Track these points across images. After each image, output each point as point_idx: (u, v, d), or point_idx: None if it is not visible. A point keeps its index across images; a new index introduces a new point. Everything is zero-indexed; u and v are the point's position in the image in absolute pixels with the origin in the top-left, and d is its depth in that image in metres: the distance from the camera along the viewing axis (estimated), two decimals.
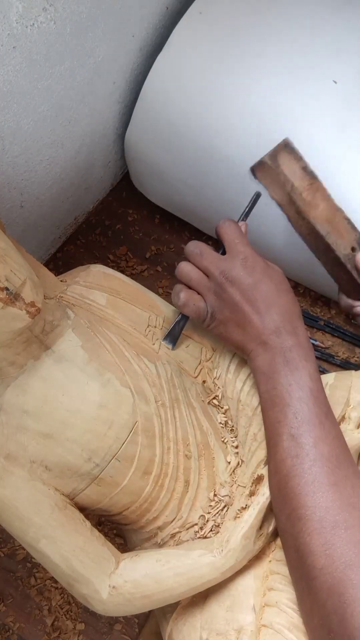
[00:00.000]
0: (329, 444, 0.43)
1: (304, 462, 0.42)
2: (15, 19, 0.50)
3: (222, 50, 0.66)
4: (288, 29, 0.65)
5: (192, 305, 0.50)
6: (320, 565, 0.38)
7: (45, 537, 0.43)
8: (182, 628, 0.46)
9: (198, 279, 0.50)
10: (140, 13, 0.68)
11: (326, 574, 0.38)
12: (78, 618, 0.68)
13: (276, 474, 0.44)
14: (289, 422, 0.44)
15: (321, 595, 0.38)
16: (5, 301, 0.38)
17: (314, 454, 0.42)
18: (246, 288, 0.48)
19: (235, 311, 0.48)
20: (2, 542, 0.72)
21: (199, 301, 0.50)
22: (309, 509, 0.40)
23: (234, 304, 0.48)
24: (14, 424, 0.43)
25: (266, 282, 0.48)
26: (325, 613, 0.37)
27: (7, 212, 0.66)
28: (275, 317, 0.47)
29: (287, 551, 0.43)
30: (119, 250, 0.86)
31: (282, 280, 0.49)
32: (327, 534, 0.39)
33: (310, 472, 0.42)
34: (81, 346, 0.46)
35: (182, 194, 0.76)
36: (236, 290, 0.48)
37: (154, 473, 0.47)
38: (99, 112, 0.71)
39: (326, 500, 0.40)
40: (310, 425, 0.43)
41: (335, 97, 0.63)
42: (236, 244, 0.49)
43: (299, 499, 0.41)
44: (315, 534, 0.39)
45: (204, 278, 0.50)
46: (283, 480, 0.43)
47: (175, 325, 0.53)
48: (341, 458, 0.43)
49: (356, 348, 0.79)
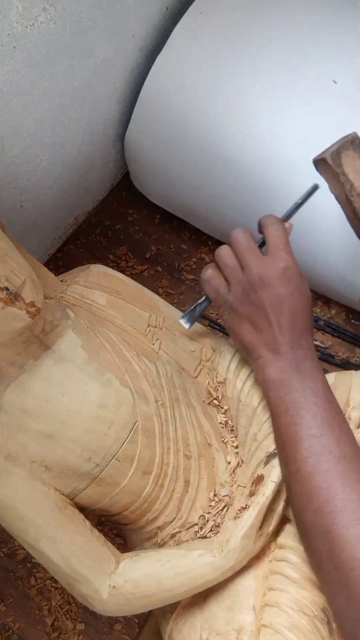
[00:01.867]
0: (349, 444, 0.44)
1: (329, 460, 0.42)
2: (15, 19, 0.50)
3: (222, 50, 0.66)
4: (288, 29, 0.65)
5: (214, 286, 0.51)
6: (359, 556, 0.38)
7: (45, 537, 0.43)
8: (182, 628, 0.46)
9: (232, 268, 0.50)
10: (140, 13, 0.68)
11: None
12: (78, 618, 0.68)
13: (298, 472, 0.44)
14: (308, 423, 0.44)
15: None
16: (5, 301, 0.38)
17: (338, 452, 0.43)
18: (277, 297, 0.48)
19: (258, 313, 0.48)
20: (2, 542, 0.72)
21: (222, 286, 0.51)
22: (341, 502, 0.41)
23: (260, 306, 0.48)
24: (14, 424, 0.43)
25: (296, 297, 0.48)
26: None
27: (7, 212, 0.66)
28: (294, 331, 0.48)
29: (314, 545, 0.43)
30: (119, 250, 0.86)
31: (308, 299, 0.50)
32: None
33: (337, 469, 0.42)
34: (81, 346, 0.46)
35: (182, 194, 0.76)
36: (267, 295, 0.48)
37: (154, 473, 0.47)
38: (99, 112, 0.71)
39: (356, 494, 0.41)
40: (330, 426, 0.44)
41: (335, 97, 0.63)
42: (280, 249, 0.49)
43: (329, 493, 0.41)
44: (350, 526, 0.40)
45: (239, 269, 0.50)
46: (307, 478, 0.43)
47: (197, 305, 0.53)
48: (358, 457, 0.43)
49: (356, 348, 0.79)
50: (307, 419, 0.44)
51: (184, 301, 0.83)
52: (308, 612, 0.43)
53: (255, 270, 0.48)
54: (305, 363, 0.47)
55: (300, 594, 0.43)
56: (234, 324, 0.50)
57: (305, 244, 0.67)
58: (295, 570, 0.45)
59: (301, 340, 0.48)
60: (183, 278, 0.85)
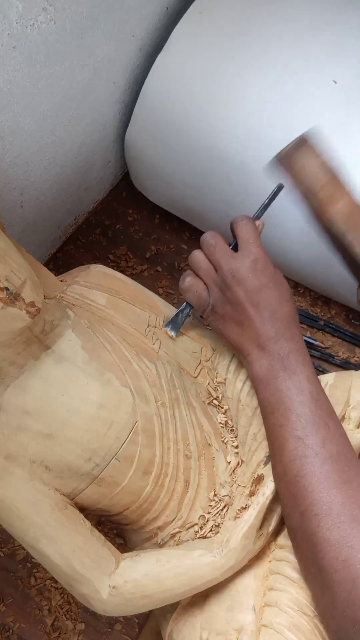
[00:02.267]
0: (336, 443, 0.43)
1: (314, 462, 0.42)
2: (15, 19, 0.50)
3: (222, 50, 0.66)
4: (288, 29, 0.65)
5: (195, 292, 0.51)
6: (342, 557, 0.39)
7: (45, 537, 0.43)
8: (182, 628, 0.46)
9: (206, 270, 0.51)
10: (140, 13, 0.68)
11: (349, 566, 0.38)
12: (78, 618, 0.68)
13: (285, 475, 0.44)
14: (293, 424, 0.44)
15: (345, 587, 0.38)
16: (5, 301, 0.38)
17: (323, 453, 0.43)
18: (251, 290, 0.48)
19: (237, 310, 0.49)
20: (2, 542, 0.72)
21: (203, 290, 0.51)
22: (325, 505, 0.41)
23: (237, 303, 0.48)
24: (14, 424, 0.43)
25: (271, 288, 0.48)
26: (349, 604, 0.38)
27: (7, 212, 0.66)
28: (276, 323, 0.48)
29: (301, 547, 0.43)
30: (119, 250, 0.86)
31: (286, 288, 0.50)
32: (346, 528, 0.39)
33: (322, 471, 0.42)
34: (81, 346, 0.46)
35: (182, 194, 0.76)
36: (241, 290, 0.48)
37: (154, 473, 0.47)
38: (99, 112, 0.71)
39: (342, 496, 0.41)
40: (315, 426, 0.44)
41: (335, 97, 0.63)
42: (250, 243, 0.50)
43: (314, 496, 0.41)
44: (335, 528, 0.40)
45: (212, 270, 0.50)
46: (293, 480, 0.43)
47: (179, 312, 0.54)
48: (349, 456, 0.43)
49: (356, 348, 0.79)
50: (292, 420, 0.44)
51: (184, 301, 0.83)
52: (308, 612, 0.43)
53: (226, 268, 0.49)
54: (290, 358, 0.47)
55: (300, 594, 0.43)
56: (219, 326, 0.51)
57: (306, 244, 0.67)
58: (295, 570, 0.45)
59: (285, 331, 0.48)
60: None
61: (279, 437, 0.45)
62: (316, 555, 0.40)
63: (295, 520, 0.43)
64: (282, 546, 0.47)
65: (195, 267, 0.52)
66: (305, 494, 0.42)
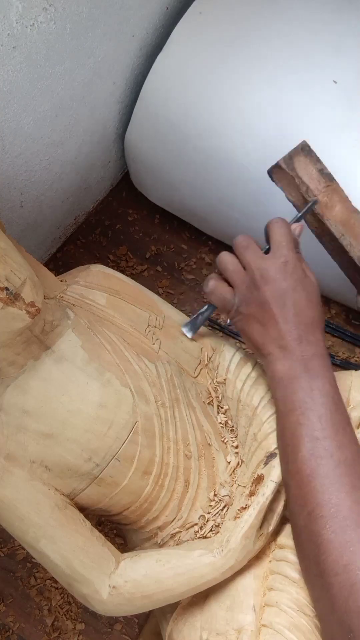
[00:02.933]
0: (350, 450, 0.43)
1: (328, 463, 0.42)
2: (15, 19, 0.50)
3: (222, 51, 0.66)
4: (288, 29, 0.65)
5: (219, 294, 0.51)
6: (344, 562, 0.38)
7: (45, 537, 0.43)
8: (182, 628, 0.46)
9: (234, 270, 0.50)
10: (140, 13, 0.68)
11: (349, 572, 0.38)
12: (78, 618, 0.68)
13: (297, 474, 0.44)
14: (312, 424, 0.44)
15: (343, 592, 0.38)
16: (5, 301, 0.38)
17: (338, 456, 0.43)
18: (279, 291, 0.48)
19: (262, 310, 0.48)
20: (2, 542, 0.72)
21: (227, 292, 0.51)
22: (333, 507, 0.41)
23: (264, 302, 0.48)
24: (14, 424, 0.43)
25: (299, 291, 0.48)
26: (346, 610, 0.37)
27: (7, 212, 0.66)
28: (300, 325, 0.48)
29: (304, 548, 0.43)
30: (119, 250, 0.86)
31: (314, 292, 0.50)
32: (351, 532, 0.39)
33: (335, 474, 0.42)
34: (81, 346, 0.46)
35: (182, 194, 0.76)
36: (268, 291, 0.48)
37: (154, 473, 0.47)
38: (99, 112, 0.71)
39: (350, 500, 0.41)
40: (334, 429, 0.44)
41: (335, 97, 0.63)
42: (282, 246, 0.49)
43: (323, 497, 0.41)
44: (339, 531, 0.40)
45: (241, 270, 0.50)
46: (305, 480, 0.43)
47: (199, 314, 0.54)
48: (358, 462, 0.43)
49: (356, 348, 0.79)
50: (313, 420, 0.44)
51: (183, 301, 0.83)
52: (308, 612, 0.43)
53: (255, 267, 0.49)
54: (313, 361, 0.46)
55: (300, 594, 0.43)
56: (243, 326, 0.51)
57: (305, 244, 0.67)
58: (295, 570, 0.45)
59: (309, 336, 0.47)
60: (183, 278, 0.85)
61: (296, 436, 0.45)
62: (318, 557, 0.40)
63: (302, 519, 0.43)
64: (282, 546, 0.47)
65: (223, 267, 0.51)
66: (315, 495, 0.42)
